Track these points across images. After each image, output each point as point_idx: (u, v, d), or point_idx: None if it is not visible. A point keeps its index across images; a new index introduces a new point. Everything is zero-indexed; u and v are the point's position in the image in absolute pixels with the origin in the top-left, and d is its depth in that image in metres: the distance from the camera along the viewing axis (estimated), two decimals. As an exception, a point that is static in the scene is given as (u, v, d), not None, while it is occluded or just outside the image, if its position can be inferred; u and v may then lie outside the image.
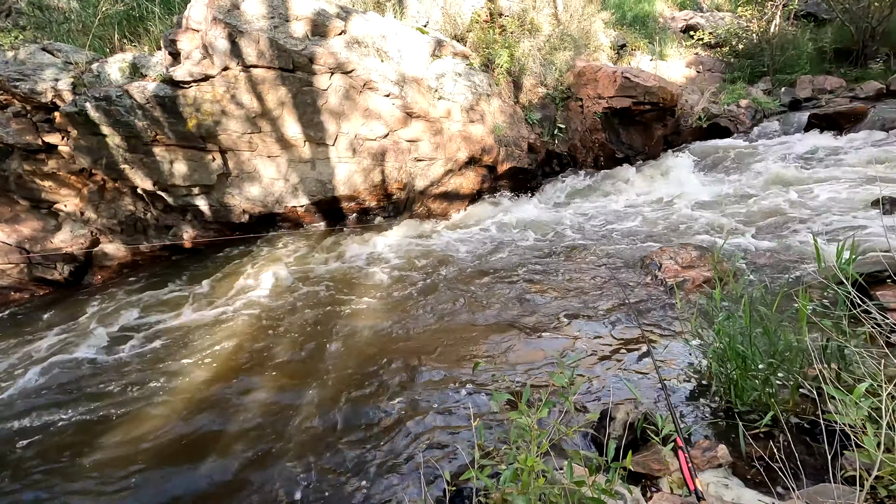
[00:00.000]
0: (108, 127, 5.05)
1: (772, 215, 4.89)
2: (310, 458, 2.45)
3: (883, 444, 1.45)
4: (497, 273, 4.49)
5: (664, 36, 9.84)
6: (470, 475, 1.62)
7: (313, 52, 5.23)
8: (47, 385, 3.54)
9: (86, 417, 3.06)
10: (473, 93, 6.26)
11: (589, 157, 7.23)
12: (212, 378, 3.33)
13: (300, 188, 5.78)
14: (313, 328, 3.84)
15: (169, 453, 2.65)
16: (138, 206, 5.89)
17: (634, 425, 2.30)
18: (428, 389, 2.86)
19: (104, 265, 5.82)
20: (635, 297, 3.75)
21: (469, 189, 6.39)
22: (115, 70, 5.26)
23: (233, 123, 5.31)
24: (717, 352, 2.44)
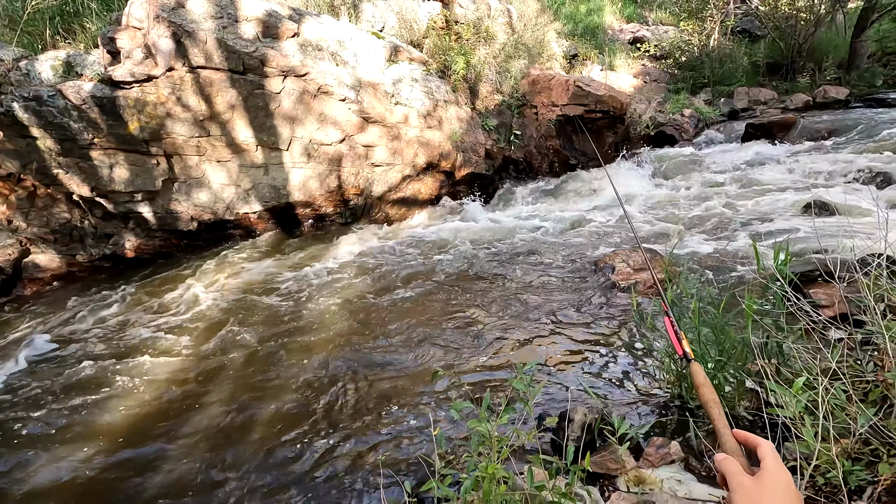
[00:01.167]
0: (39, 129, 4.70)
1: (715, 219, 5.15)
2: (263, 474, 2.35)
3: (820, 434, 1.53)
4: (455, 278, 4.49)
5: (613, 47, 10.23)
6: (431, 486, 1.59)
7: (265, 55, 5.08)
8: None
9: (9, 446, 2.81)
10: (430, 99, 6.27)
11: (544, 164, 7.38)
12: (144, 404, 3.13)
13: (252, 194, 5.58)
14: (263, 340, 3.70)
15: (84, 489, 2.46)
16: (74, 213, 5.50)
17: (592, 426, 2.34)
18: (387, 400, 2.81)
19: (35, 277, 5.40)
20: (590, 299, 3.84)
21: (427, 194, 6.38)
22: (47, 68, 4.91)
23: (179, 126, 5.07)
24: (667, 350, 2.53)
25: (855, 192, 5.10)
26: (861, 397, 1.87)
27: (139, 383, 3.29)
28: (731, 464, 0.77)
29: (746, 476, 0.74)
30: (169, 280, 5.11)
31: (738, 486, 0.73)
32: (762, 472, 0.74)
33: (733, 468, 0.76)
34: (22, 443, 2.82)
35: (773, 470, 0.73)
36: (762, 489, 0.71)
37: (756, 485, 0.72)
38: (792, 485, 0.72)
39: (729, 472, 0.76)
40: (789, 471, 0.74)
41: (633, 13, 12.38)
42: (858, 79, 9.12)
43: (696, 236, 4.76)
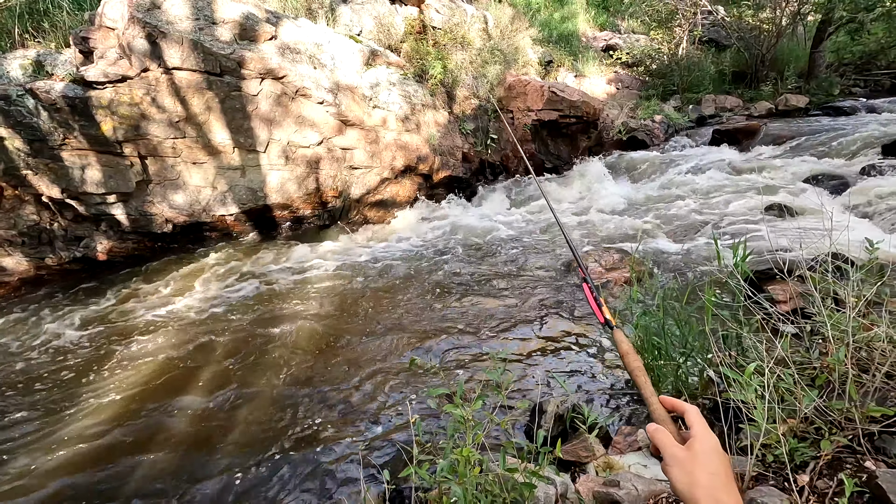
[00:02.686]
0: (6, 129, 4.60)
1: (682, 220, 5.36)
2: (243, 465, 2.38)
3: (767, 416, 1.67)
4: (432, 279, 4.57)
5: (587, 54, 10.51)
6: (409, 472, 1.66)
7: (242, 57, 5.08)
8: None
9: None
10: (408, 102, 6.35)
11: (520, 167, 7.54)
12: (121, 396, 3.12)
13: (229, 196, 5.56)
14: (240, 341, 3.71)
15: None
16: (43, 215, 5.38)
17: (563, 417, 2.45)
18: (366, 393, 2.87)
19: (2, 281, 5.26)
20: (563, 298, 3.96)
21: (405, 197, 6.45)
22: (16, 67, 4.81)
23: (154, 128, 5.03)
24: (635, 344, 2.66)
25: (811, 196, 5.39)
26: (808, 382, 2.02)
27: (107, 389, 3.26)
28: (662, 435, 0.80)
29: (678, 447, 0.77)
30: (141, 283, 5.05)
31: (672, 458, 0.77)
32: (692, 440, 0.77)
33: (665, 439, 0.79)
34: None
35: (702, 437, 0.77)
36: (694, 458, 0.75)
37: (688, 454, 0.76)
38: (719, 447, 0.77)
39: (661, 444, 0.79)
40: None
41: (606, 21, 12.73)
42: (817, 88, 9.59)
43: (663, 236, 4.95)
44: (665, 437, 0.80)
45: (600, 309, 1.11)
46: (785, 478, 1.67)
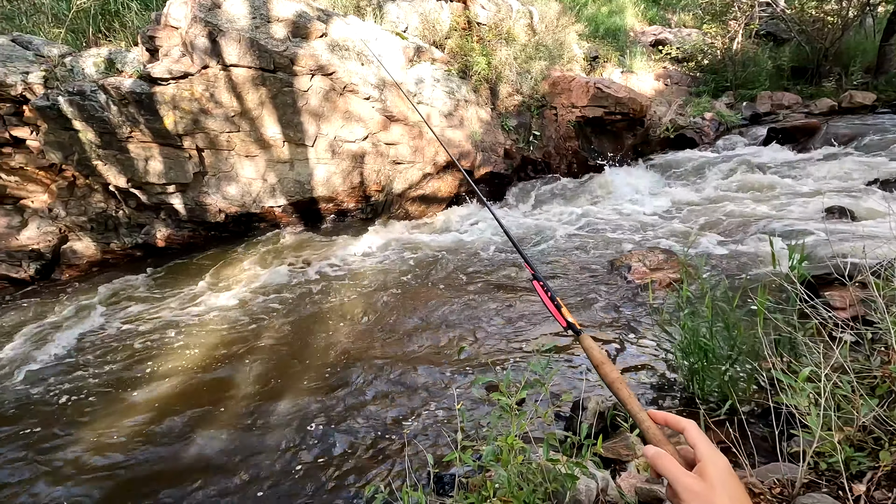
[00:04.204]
0: (81, 122, 4.96)
1: (733, 221, 5.17)
2: (294, 446, 2.50)
3: (822, 422, 1.62)
4: (473, 273, 4.61)
5: (635, 49, 10.23)
6: (453, 457, 1.72)
7: (294, 54, 5.27)
8: (14, 382, 3.46)
9: (38, 426, 3.02)
10: (452, 98, 6.40)
11: (563, 164, 7.46)
12: (180, 375, 3.32)
13: (278, 188, 5.78)
14: (288, 328, 3.87)
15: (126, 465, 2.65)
16: (110, 203, 5.77)
17: (605, 415, 2.44)
18: (410, 379, 2.95)
19: (73, 263, 5.67)
20: (606, 296, 3.92)
21: (447, 192, 6.51)
22: (90, 65, 5.16)
23: (211, 122, 5.29)
24: (681, 346, 2.61)
25: (876, 199, 5.08)
26: (868, 391, 1.94)
27: (168, 363, 3.49)
28: (667, 461, 0.68)
29: (690, 476, 0.67)
30: (196, 270, 5.33)
31: (686, 491, 0.66)
32: (703, 465, 0.67)
33: (672, 467, 0.68)
34: (62, 416, 3.02)
35: (712, 459, 0.67)
36: (712, 488, 0.65)
37: (704, 485, 0.66)
38: (730, 467, 0.68)
39: (669, 474, 0.68)
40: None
41: (656, 15, 12.34)
42: (886, 84, 8.98)
43: (712, 238, 4.80)
44: (671, 465, 0.68)
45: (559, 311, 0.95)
46: (840, 486, 1.62)
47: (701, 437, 0.70)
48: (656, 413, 0.75)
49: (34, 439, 2.82)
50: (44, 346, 3.96)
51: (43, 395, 3.27)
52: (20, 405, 3.17)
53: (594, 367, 0.83)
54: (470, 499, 1.65)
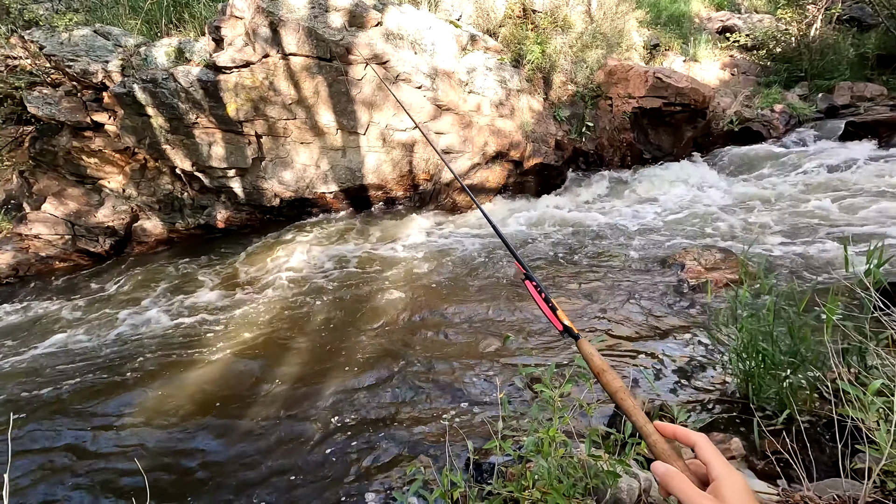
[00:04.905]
0: (153, 108, 5.28)
1: (802, 221, 4.85)
2: (336, 429, 2.60)
3: (893, 439, 1.50)
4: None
5: (699, 37, 9.70)
6: (493, 445, 1.73)
7: (350, 43, 5.37)
8: (85, 345, 3.78)
9: (113, 377, 3.27)
10: (503, 88, 6.32)
11: (616, 157, 7.22)
12: (235, 351, 3.51)
13: (330, 175, 5.94)
14: (338, 310, 4.00)
15: (189, 413, 2.83)
16: (176, 185, 6.14)
17: (651, 414, 2.38)
18: (454, 367, 2.98)
19: (142, 240, 6.09)
20: (657, 295, 3.79)
21: (495, 183, 6.47)
22: (162, 54, 5.48)
23: (270, 109, 5.50)
24: (737, 349, 2.49)
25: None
26: (948, 410, 1.78)
27: (226, 335, 3.69)
28: (679, 481, 0.63)
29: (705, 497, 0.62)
30: (251, 250, 5.59)
31: None
32: (717, 484, 0.62)
33: (685, 487, 0.62)
34: (128, 380, 3.27)
35: (727, 478, 0.63)
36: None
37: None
38: (748, 487, 0.63)
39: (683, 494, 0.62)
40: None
41: (724, 0, 11.62)
42: None
43: (777, 238, 4.52)
44: (684, 485, 0.63)
45: (555, 313, 0.89)
46: (909, 508, 1.51)
47: (714, 454, 0.65)
48: (664, 425, 0.70)
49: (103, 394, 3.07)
50: (117, 313, 4.30)
51: (114, 358, 3.55)
52: (91, 366, 3.47)
53: (594, 375, 0.78)
54: (509, 487, 1.66)
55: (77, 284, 5.28)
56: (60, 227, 5.78)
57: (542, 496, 1.53)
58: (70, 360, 3.66)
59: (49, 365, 3.60)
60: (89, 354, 3.70)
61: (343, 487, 2.19)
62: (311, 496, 2.17)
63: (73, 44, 5.39)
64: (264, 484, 2.28)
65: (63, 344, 3.92)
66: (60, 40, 5.38)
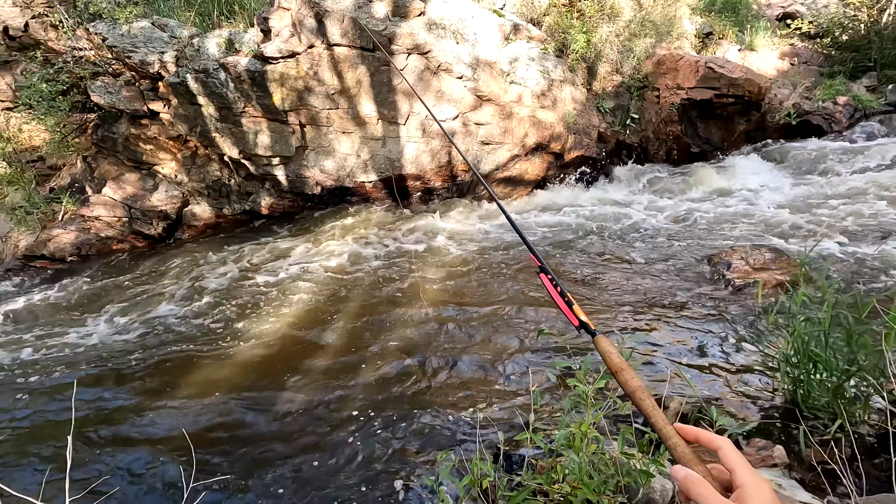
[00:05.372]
0: (204, 97, 5.50)
1: (863, 222, 4.55)
2: (369, 413, 2.66)
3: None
4: (558, 258, 4.51)
5: (757, 24, 9.17)
6: (523, 437, 1.73)
7: (393, 33, 5.40)
8: (142, 321, 4.01)
9: (166, 355, 3.46)
10: (546, 78, 6.21)
11: (661, 150, 6.97)
12: (275, 332, 3.64)
13: (370, 164, 6.02)
14: (373, 297, 4.07)
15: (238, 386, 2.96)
16: (224, 172, 6.38)
17: (688, 417, 2.31)
18: (487, 357, 2.99)
19: (192, 224, 6.38)
20: (700, 294, 3.66)
21: (534, 175, 6.38)
22: (213, 45, 5.68)
23: (313, 99, 5.61)
24: (786, 353, 2.38)
25: None
26: None
27: (266, 316, 3.83)
28: (703, 488, 0.60)
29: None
30: (294, 235, 5.75)
31: None
32: (742, 492, 0.60)
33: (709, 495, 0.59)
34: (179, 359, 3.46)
35: (754, 486, 0.59)
36: None
37: None
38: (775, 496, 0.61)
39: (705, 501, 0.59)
40: None
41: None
42: None
43: (837, 239, 4.26)
44: (707, 492, 0.59)
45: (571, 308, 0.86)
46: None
47: (740, 460, 0.62)
48: (685, 428, 0.66)
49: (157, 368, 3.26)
50: (169, 291, 4.54)
51: (166, 332, 3.76)
52: (147, 340, 3.68)
53: (612, 374, 0.76)
54: (538, 480, 1.66)
55: (133, 263, 5.61)
56: (119, 210, 6.13)
57: (572, 491, 1.52)
58: (127, 333, 3.90)
59: (109, 337, 3.85)
60: (145, 329, 3.93)
61: (373, 469, 2.24)
62: (343, 476, 2.24)
63: (132, 35, 5.67)
64: (296, 460, 2.36)
65: (120, 319, 4.18)
66: (121, 32, 5.66)
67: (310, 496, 2.14)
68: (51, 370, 3.39)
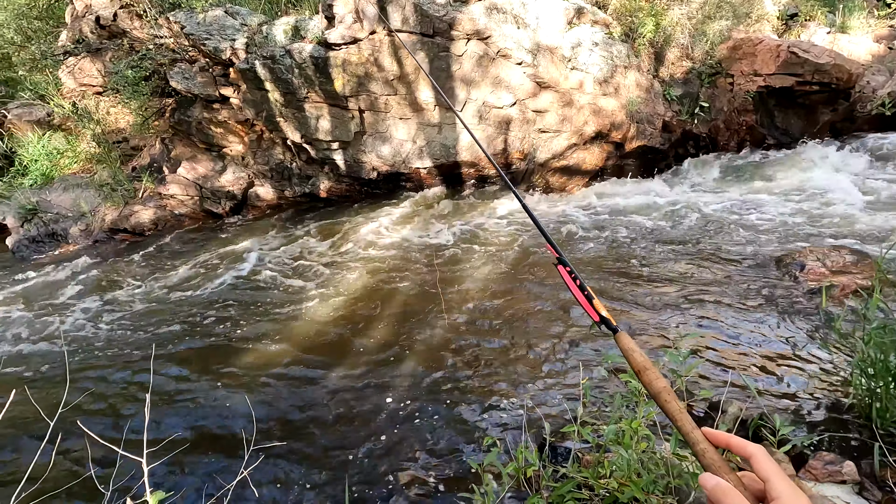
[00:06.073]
0: (270, 83, 5.73)
1: (964, 226, 4.10)
2: (419, 388, 2.73)
3: None
4: (615, 253, 4.38)
5: (850, 4, 8.35)
6: (571, 430, 1.72)
7: (454, 18, 5.37)
8: (209, 290, 4.30)
9: (229, 327, 3.69)
10: (609, 64, 5.97)
11: (732, 141, 6.56)
12: (328, 310, 3.79)
13: (426, 151, 6.07)
14: (423, 283, 4.13)
15: (301, 357, 3.11)
16: (286, 156, 6.65)
17: (747, 423, 2.20)
18: (537, 348, 2.98)
19: (255, 205, 6.72)
20: (769, 296, 3.45)
21: (592, 165, 6.20)
22: (280, 32, 5.89)
23: (373, 85, 5.71)
24: (862, 364, 2.21)
25: None
26: None
27: (317, 298, 3.99)
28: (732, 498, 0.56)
29: None
30: (350, 218, 5.92)
31: None
32: None
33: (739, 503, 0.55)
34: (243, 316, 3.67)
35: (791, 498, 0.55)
36: None
37: None
38: None
39: None
40: None
41: (890, -41, 9.83)
42: None
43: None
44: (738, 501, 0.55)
45: (591, 303, 0.81)
46: None
47: (775, 469, 0.57)
48: (715, 433, 0.62)
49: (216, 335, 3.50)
50: (234, 265, 4.83)
51: (230, 303, 4.01)
52: (215, 308, 3.95)
53: (635, 374, 0.73)
54: (584, 473, 1.64)
55: (202, 239, 5.99)
56: (191, 189, 6.55)
57: (619, 487, 1.50)
58: (197, 301, 4.20)
59: (183, 305, 4.16)
60: (212, 298, 4.22)
61: (417, 450, 2.31)
62: (389, 452, 2.32)
63: (207, 23, 5.98)
64: (344, 432, 2.47)
65: (192, 287, 4.50)
66: (198, 20, 5.99)
67: (353, 467, 2.24)
68: (129, 330, 3.72)
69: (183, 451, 2.31)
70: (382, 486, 2.11)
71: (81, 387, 3.03)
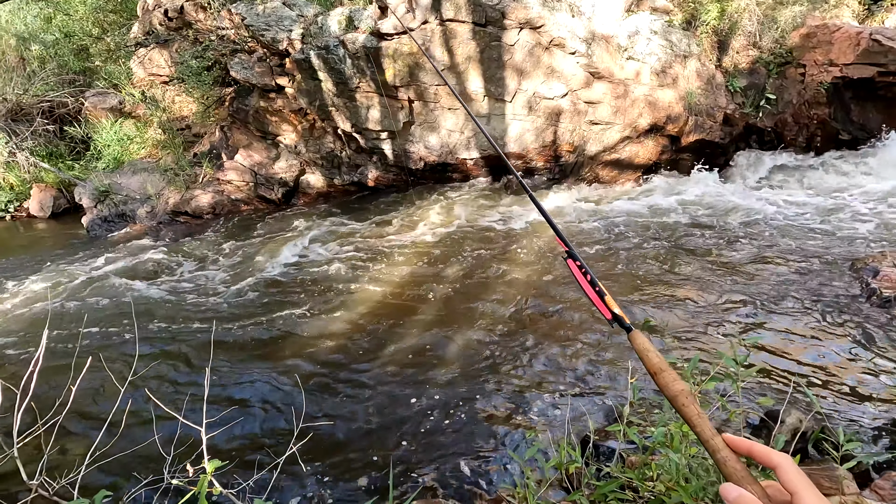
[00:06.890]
0: (324, 73, 5.86)
1: None
2: (462, 376, 2.75)
3: None
4: (668, 251, 4.23)
5: (947, -14, 7.56)
6: (616, 429, 1.68)
7: (506, 7, 5.29)
8: (262, 271, 4.48)
9: (283, 305, 3.84)
10: (668, 53, 5.72)
11: (801, 136, 6.14)
12: (375, 296, 3.87)
13: (473, 142, 6.05)
14: (468, 275, 4.14)
15: (348, 340, 3.21)
16: (337, 145, 6.80)
17: (807, 435, 2.09)
18: (582, 344, 2.94)
19: (306, 192, 6.92)
20: (838, 302, 3.23)
21: (645, 159, 5.98)
22: (335, 22, 6.00)
23: (423, 75, 5.73)
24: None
25: None
26: None
27: (370, 280, 4.08)
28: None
29: None
30: (397, 207, 6.01)
31: None
32: None
33: None
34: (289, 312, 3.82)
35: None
36: None
37: None
38: None
39: None
40: None
41: None
42: None
43: None
44: None
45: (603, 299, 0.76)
46: None
47: (803, 481, 0.53)
48: (737, 440, 0.58)
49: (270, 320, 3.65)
50: (286, 249, 5.02)
51: (285, 283, 4.18)
52: (270, 288, 4.12)
53: (651, 375, 0.68)
54: (628, 474, 1.61)
55: (257, 223, 6.25)
56: (247, 176, 6.83)
57: (667, 491, 1.46)
58: (253, 279, 4.40)
59: (239, 282, 4.38)
60: (267, 278, 4.41)
61: (463, 439, 2.33)
62: (433, 436, 2.36)
63: (266, 15, 6.18)
64: (390, 413, 2.53)
65: (247, 271, 4.72)
66: (257, 12, 6.19)
67: (396, 450, 2.29)
68: (189, 308, 3.94)
69: (239, 423, 2.45)
70: (426, 470, 2.15)
71: (150, 353, 3.26)
